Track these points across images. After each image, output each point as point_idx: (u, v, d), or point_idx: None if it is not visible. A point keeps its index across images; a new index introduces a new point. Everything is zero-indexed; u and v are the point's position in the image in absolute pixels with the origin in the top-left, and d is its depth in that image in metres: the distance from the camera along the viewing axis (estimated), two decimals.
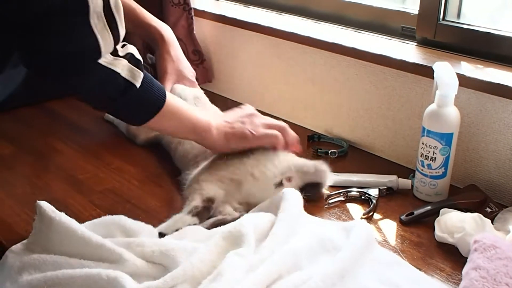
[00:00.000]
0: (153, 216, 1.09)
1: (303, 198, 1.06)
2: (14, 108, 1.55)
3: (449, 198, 1.15)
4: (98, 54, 0.93)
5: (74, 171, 1.26)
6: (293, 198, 1.03)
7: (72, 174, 1.25)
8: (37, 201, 0.94)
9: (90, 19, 0.90)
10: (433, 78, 1.12)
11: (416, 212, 1.10)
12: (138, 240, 0.92)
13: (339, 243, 0.97)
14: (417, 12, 1.34)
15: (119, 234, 0.96)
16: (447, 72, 1.10)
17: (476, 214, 1.02)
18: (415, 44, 1.36)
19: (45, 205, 0.94)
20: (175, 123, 1.07)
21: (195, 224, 1.01)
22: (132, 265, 0.88)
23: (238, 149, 1.12)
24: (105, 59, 0.94)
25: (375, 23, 1.45)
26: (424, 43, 1.35)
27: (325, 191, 1.19)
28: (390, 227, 1.09)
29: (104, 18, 0.91)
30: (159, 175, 1.25)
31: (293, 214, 0.99)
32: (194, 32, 1.68)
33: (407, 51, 1.32)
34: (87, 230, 0.91)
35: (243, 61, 1.59)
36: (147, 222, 1.06)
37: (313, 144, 1.43)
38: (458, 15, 1.31)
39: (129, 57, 0.99)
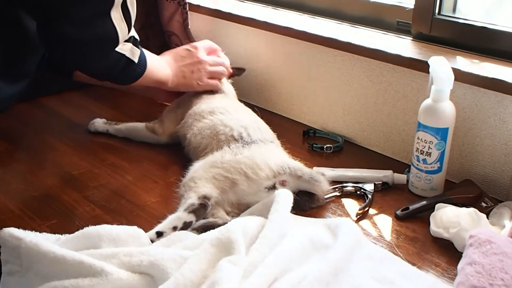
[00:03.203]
0: (148, 212, 1.08)
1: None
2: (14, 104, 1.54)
3: (444, 193, 1.15)
4: (116, 43, 1.08)
5: (69, 167, 1.25)
6: (284, 199, 1.01)
7: (67, 170, 1.24)
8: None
9: (111, 11, 1.02)
10: (428, 72, 1.12)
11: (412, 207, 1.10)
12: (126, 250, 0.89)
13: (327, 241, 0.97)
14: (412, 7, 1.34)
15: (105, 244, 0.92)
16: (443, 66, 1.10)
17: (471, 209, 1.02)
18: (411, 38, 1.36)
19: (6, 234, 0.89)
20: (148, 80, 1.24)
21: (191, 222, 1.00)
22: (116, 279, 0.84)
23: (184, 91, 1.37)
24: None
25: (370, 18, 1.45)
26: (419, 37, 1.34)
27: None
28: (385, 222, 1.09)
29: (121, 11, 1.04)
30: (153, 171, 1.25)
31: (284, 216, 0.98)
32: (189, 27, 1.67)
33: (403, 45, 1.32)
34: (60, 248, 0.86)
35: (238, 56, 1.58)
36: (141, 218, 1.06)
37: (309, 139, 1.43)
38: (454, 10, 1.31)
39: (132, 40, 1.14)
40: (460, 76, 1.14)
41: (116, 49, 1.10)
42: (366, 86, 1.36)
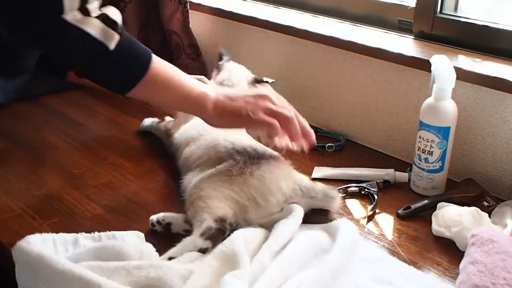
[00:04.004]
0: (149, 211, 1.08)
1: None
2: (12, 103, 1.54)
3: (446, 192, 1.15)
4: (61, 8, 0.86)
5: (70, 166, 1.25)
6: (296, 215, 0.98)
7: (68, 169, 1.24)
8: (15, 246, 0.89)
9: None
10: (430, 71, 1.12)
11: (413, 206, 1.10)
12: (136, 263, 0.86)
13: (327, 245, 0.96)
14: (414, 5, 1.34)
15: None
16: (444, 65, 1.10)
17: (473, 208, 1.02)
18: (412, 37, 1.36)
19: (18, 249, 0.88)
20: (164, 92, 0.97)
21: (206, 249, 0.91)
22: None
23: (231, 128, 1.04)
24: (73, 17, 0.87)
25: (372, 16, 1.44)
26: (421, 36, 1.34)
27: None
28: (387, 221, 1.08)
29: None
30: (154, 170, 1.25)
31: (291, 229, 0.96)
32: (190, 25, 1.67)
33: (404, 44, 1.31)
34: (66, 263, 0.85)
35: (239, 55, 1.58)
36: (142, 216, 1.06)
37: None
38: (455, 8, 1.30)
39: (103, 18, 0.90)
40: (462, 74, 1.13)
41: (70, 20, 0.87)
42: (367, 84, 1.36)
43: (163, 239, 0.99)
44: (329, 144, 1.36)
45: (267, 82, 1.33)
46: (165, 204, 1.10)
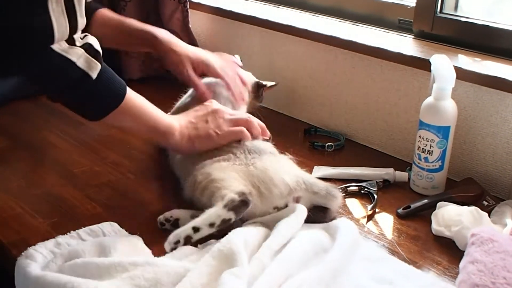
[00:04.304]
0: (149, 210, 1.08)
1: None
2: (9, 102, 1.54)
3: (446, 191, 1.15)
4: (51, 38, 0.88)
5: (70, 165, 1.25)
6: (299, 215, 0.98)
7: (68, 168, 1.24)
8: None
9: (48, 3, 0.86)
10: (430, 71, 1.12)
11: (413, 206, 1.10)
12: (132, 259, 0.87)
13: (327, 245, 0.96)
14: (414, 5, 1.34)
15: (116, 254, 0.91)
16: (445, 65, 1.10)
17: (473, 208, 1.02)
18: (412, 37, 1.36)
19: (19, 266, 0.90)
20: (135, 121, 1.04)
21: (230, 219, 0.93)
22: None
23: (204, 150, 1.08)
24: (59, 46, 0.90)
25: (372, 16, 1.44)
26: (421, 35, 1.34)
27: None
28: (387, 221, 1.08)
29: (63, 4, 0.88)
30: (155, 169, 1.25)
31: (292, 229, 0.96)
32: (190, 25, 1.67)
33: (404, 44, 1.31)
34: (63, 276, 0.85)
35: (239, 55, 1.58)
36: (143, 216, 1.06)
37: (310, 137, 1.43)
38: (456, 8, 1.31)
39: (87, 47, 0.94)
40: (462, 74, 1.13)
41: (57, 50, 0.90)
42: (367, 84, 1.36)
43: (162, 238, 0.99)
44: (329, 143, 1.36)
45: (273, 85, 1.36)
46: (165, 203, 1.10)
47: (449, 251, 0.99)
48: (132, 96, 1.02)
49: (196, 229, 0.92)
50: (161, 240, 0.98)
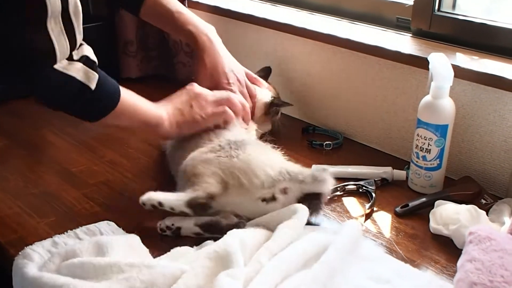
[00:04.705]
0: (147, 209, 1.08)
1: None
2: (6, 101, 1.54)
3: (444, 190, 1.15)
4: (54, 60, 0.91)
5: (67, 164, 1.25)
6: (301, 216, 0.98)
7: (65, 167, 1.24)
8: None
9: (47, 23, 0.88)
10: (428, 69, 1.12)
11: (411, 204, 1.10)
12: (128, 260, 0.87)
13: (328, 246, 0.94)
14: (412, 3, 1.33)
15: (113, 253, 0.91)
16: (442, 63, 1.10)
17: (471, 206, 1.02)
18: (410, 35, 1.35)
19: (15, 265, 0.91)
20: (129, 119, 1.08)
21: (187, 215, 0.99)
22: None
23: (191, 133, 1.14)
24: (60, 64, 0.93)
25: (370, 14, 1.44)
26: (419, 34, 1.34)
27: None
28: (385, 219, 1.08)
29: (61, 22, 0.90)
30: (152, 168, 1.25)
31: (294, 232, 0.95)
32: None
33: (402, 42, 1.31)
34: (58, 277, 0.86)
35: (237, 53, 1.58)
36: (140, 215, 1.06)
37: (308, 136, 1.43)
38: (453, 6, 1.30)
39: (84, 60, 0.96)
40: (460, 72, 1.13)
41: (58, 68, 0.92)
42: (365, 82, 1.36)
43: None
44: (327, 142, 1.36)
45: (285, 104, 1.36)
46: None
47: (447, 250, 0.99)
48: (126, 96, 1.05)
49: (160, 204, 0.99)
50: (158, 239, 0.98)
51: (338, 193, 1.16)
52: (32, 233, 1.00)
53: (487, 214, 1.03)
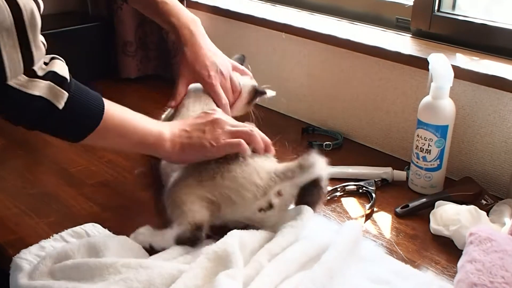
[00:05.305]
0: (145, 210, 1.08)
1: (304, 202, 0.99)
2: None
3: (444, 190, 1.15)
4: (3, 77, 0.81)
5: (66, 164, 1.25)
6: (305, 218, 0.97)
7: (64, 167, 1.24)
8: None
9: None
10: (428, 70, 1.12)
11: (411, 205, 1.10)
12: (125, 261, 0.87)
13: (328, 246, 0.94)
14: (412, 4, 1.33)
15: (108, 254, 0.90)
16: (442, 64, 1.09)
17: (471, 207, 1.02)
18: (410, 35, 1.35)
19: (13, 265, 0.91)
20: (119, 138, 0.96)
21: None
22: None
23: (197, 161, 1.01)
24: (17, 81, 0.83)
25: (369, 14, 1.44)
26: (419, 34, 1.34)
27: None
28: (385, 220, 1.08)
29: (15, 36, 0.81)
30: (150, 168, 1.24)
31: (296, 233, 0.95)
32: None
33: (402, 42, 1.31)
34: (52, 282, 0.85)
35: (237, 53, 1.58)
36: (139, 215, 1.05)
37: (308, 136, 1.43)
38: (453, 7, 1.30)
39: (51, 76, 0.86)
40: (460, 73, 1.13)
41: (15, 85, 0.82)
42: (365, 83, 1.36)
43: None
44: (327, 142, 1.35)
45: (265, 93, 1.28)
46: (161, 202, 1.09)
47: (447, 250, 0.99)
48: (114, 113, 0.94)
49: (151, 247, 0.94)
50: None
51: (338, 193, 1.15)
52: (30, 233, 1.00)
53: (487, 214, 1.03)
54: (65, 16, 1.82)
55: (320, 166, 0.97)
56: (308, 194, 0.99)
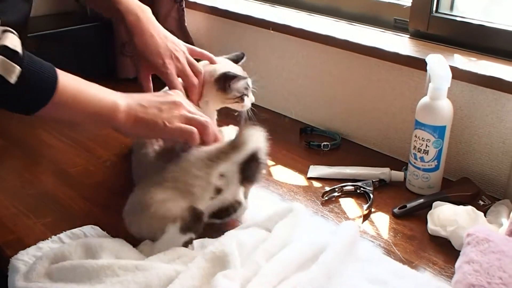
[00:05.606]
0: None
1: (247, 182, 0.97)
2: None
3: (441, 191, 1.15)
4: None
5: (64, 165, 1.25)
6: (298, 215, 0.98)
7: (62, 167, 1.24)
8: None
9: None
10: (426, 70, 1.12)
11: (409, 205, 1.10)
12: (122, 262, 0.87)
13: (326, 247, 0.94)
14: (409, 4, 1.33)
15: (104, 256, 0.91)
16: (440, 64, 1.10)
17: (469, 207, 1.02)
18: (408, 36, 1.35)
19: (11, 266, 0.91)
20: (74, 110, 0.92)
21: (191, 239, 0.95)
22: None
23: (146, 138, 1.02)
24: None
25: (368, 15, 1.44)
26: (417, 35, 1.34)
27: (318, 184, 1.17)
28: (382, 220, 1.08)
29: None
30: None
31: (290, 231, 0.95)
32: (186, 24, 1.67)
33: (400, 43, 1.31)
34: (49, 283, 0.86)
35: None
36: None
37: (306, 137, 1.43)
38: (451, 7, 1.30)
39: (2, 50, 0.83)
40: (458, 74, 1.13)
41: None
42: (363, 83, 1.36)
43: None
44: (325, 143, 1.35)
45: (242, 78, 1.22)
46: None
47: (445, 251, 0.99)
48: (68, 85, 0.91)
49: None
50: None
51: (336, 194, 1.16)
52: (29, 233, 1.00)
53: (485, 215, 1.03)
54: (63, 17, 1.83)
55: (255, 140, 0.95)
56: (247, 169, 0.96)
